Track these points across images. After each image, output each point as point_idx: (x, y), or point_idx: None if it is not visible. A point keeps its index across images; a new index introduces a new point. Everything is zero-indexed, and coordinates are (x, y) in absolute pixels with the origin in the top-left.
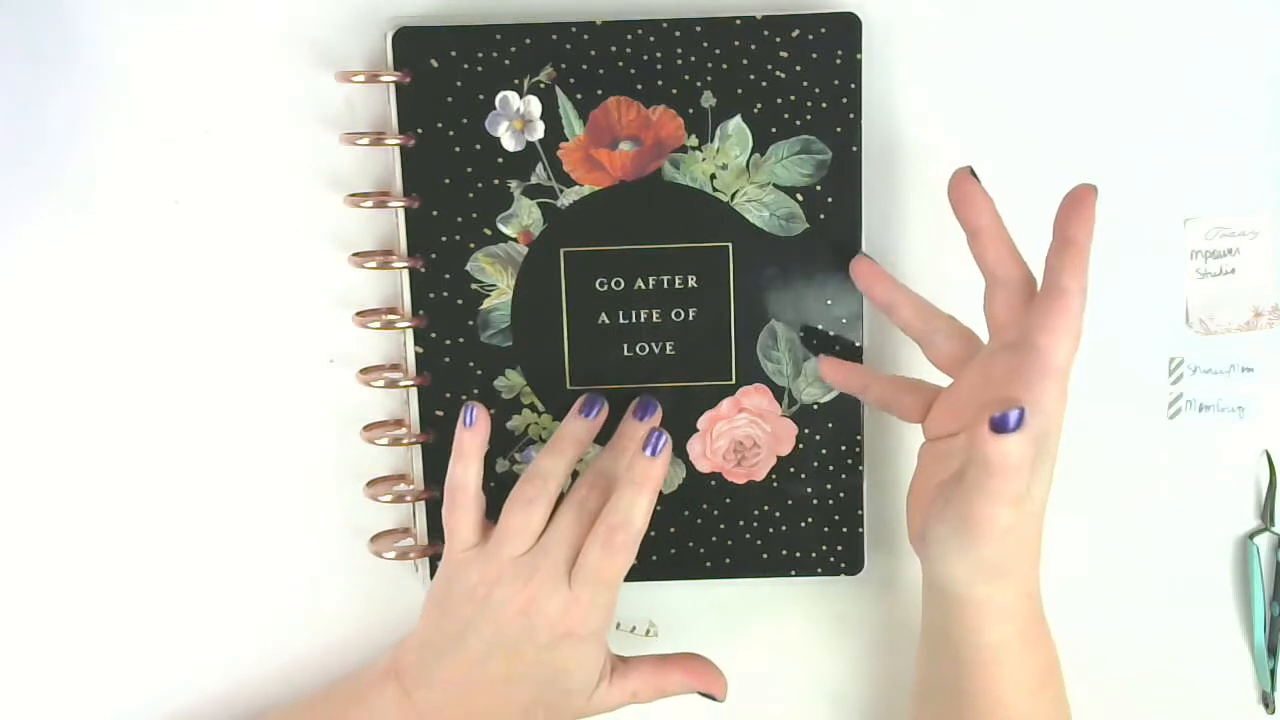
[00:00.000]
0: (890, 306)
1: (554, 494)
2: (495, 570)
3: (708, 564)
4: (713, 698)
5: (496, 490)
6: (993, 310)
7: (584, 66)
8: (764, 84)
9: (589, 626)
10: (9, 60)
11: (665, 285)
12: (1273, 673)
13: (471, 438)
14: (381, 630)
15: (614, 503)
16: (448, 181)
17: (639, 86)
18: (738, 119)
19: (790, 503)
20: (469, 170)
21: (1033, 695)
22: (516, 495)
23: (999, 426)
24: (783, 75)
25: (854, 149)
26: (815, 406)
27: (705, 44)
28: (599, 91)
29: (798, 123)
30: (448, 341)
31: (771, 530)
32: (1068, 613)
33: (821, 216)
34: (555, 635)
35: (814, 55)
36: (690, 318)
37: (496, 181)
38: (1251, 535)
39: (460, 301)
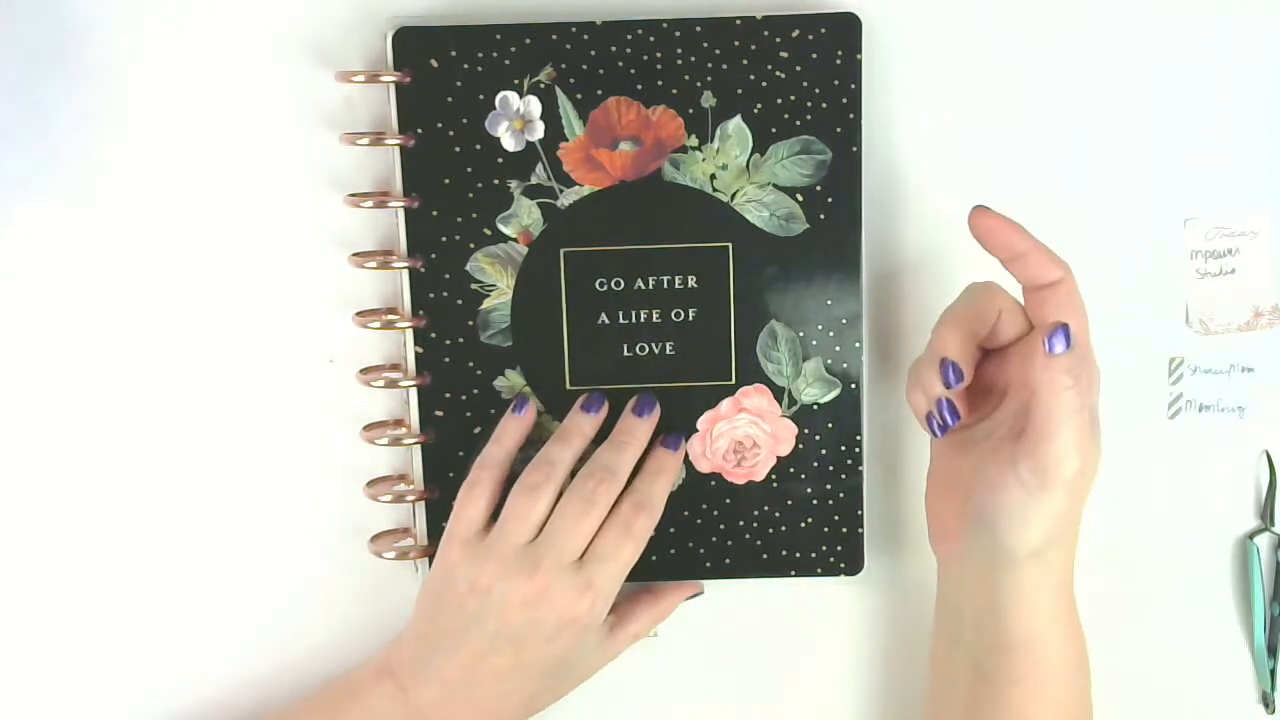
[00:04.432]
0: (1020, 258)
1: (559, 482)
2: (497, 563)
3: (708, 564)
4: (697, 594)
5: None
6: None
7: (584, 66)
8: (764, 84)
9: (595, 613)
10: (9, 60)
11: (665, 285)
12: (1273, 673)
13: (518, 425)
14: (381, 630)
15: (636, 486)
16: (448, 181)
17: (639, 86)
18: (738, 119)
19: (790, 503)
20: (469, 170)
21: (1073, 677)
22: (523, 482)
23: (1051, 345)
24: (783, 75)
25: (854, 149)
26: (815, 407)
27: (705, 44)
28: (599, 91)
29: (798, 123)
30: (448, 341)
31: (771, 530)
32: None
33: (821, 216)
34: (560, 624)
35: (814, 55)
36: (690, 318)
37: (496, 181)
38: (1251, 535)
39: (460, 301)
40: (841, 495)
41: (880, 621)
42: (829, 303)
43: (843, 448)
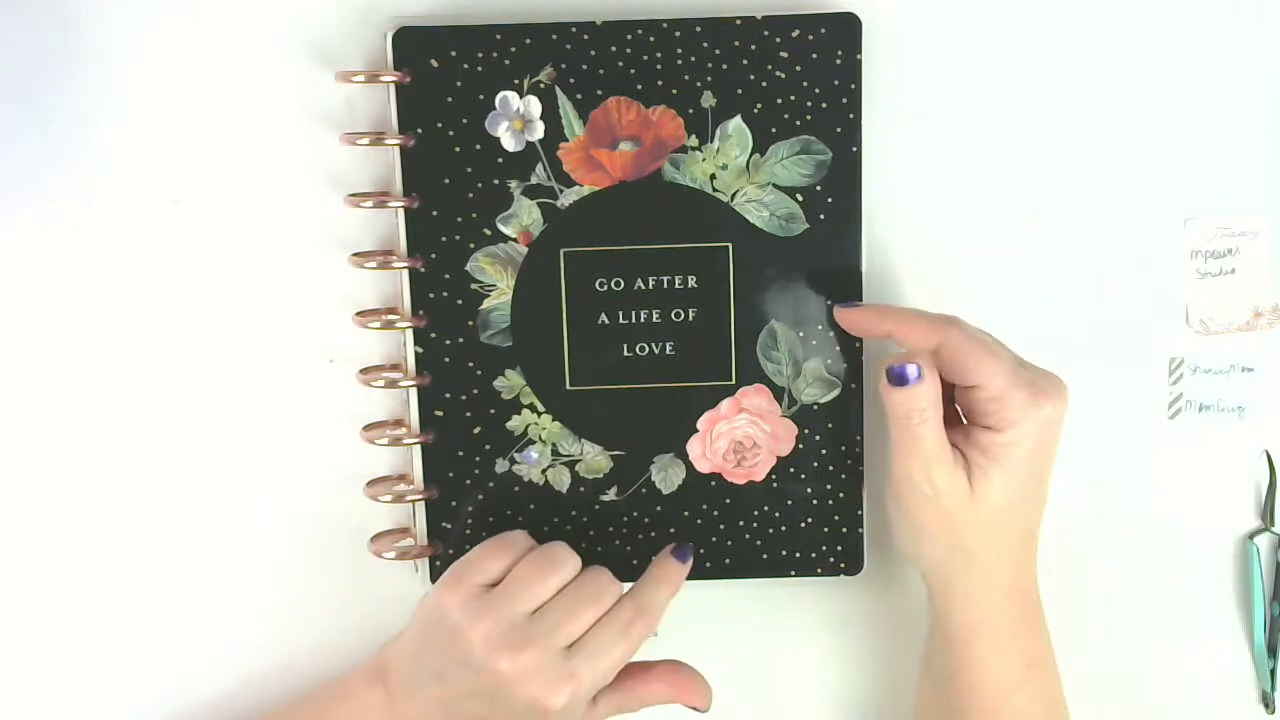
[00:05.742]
0: (892, 335)
1: (577, 573)
2: (490, 623)
3: (707, 564)
4: (696, 709)
5: (496, 489)
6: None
7: (584, 66)
8: (764, 84)
9: (568, 709)
10: (9, 60)
11: (665, 285)
12: (1273, 673)
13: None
14: (381, 630)
15: (638, 590)
16: (448, 181)
17: (639, 86)
18: (738, 119)
19: (790, 503)
20: (469, 170)
21: (1011, 688)
22: (545, 552)
23: (898, 379)
24: (783, 75)
25: (854, 149)
26: (815, 407)
27: (705, 44)
28: (599, 91)
29: (798, 123)
30: (448, 341)
31: (771, 530)
32: (1067, 612)
33: (821, 216)
34: (531, 708)
35: (814, 55)
36: (690, 318)
37: (496, 181)
38: (1251, 535)
39: (460, 301)
40: (841, 495)
41: (880, 621)
42: (829, 303)
43: (843, 448)
